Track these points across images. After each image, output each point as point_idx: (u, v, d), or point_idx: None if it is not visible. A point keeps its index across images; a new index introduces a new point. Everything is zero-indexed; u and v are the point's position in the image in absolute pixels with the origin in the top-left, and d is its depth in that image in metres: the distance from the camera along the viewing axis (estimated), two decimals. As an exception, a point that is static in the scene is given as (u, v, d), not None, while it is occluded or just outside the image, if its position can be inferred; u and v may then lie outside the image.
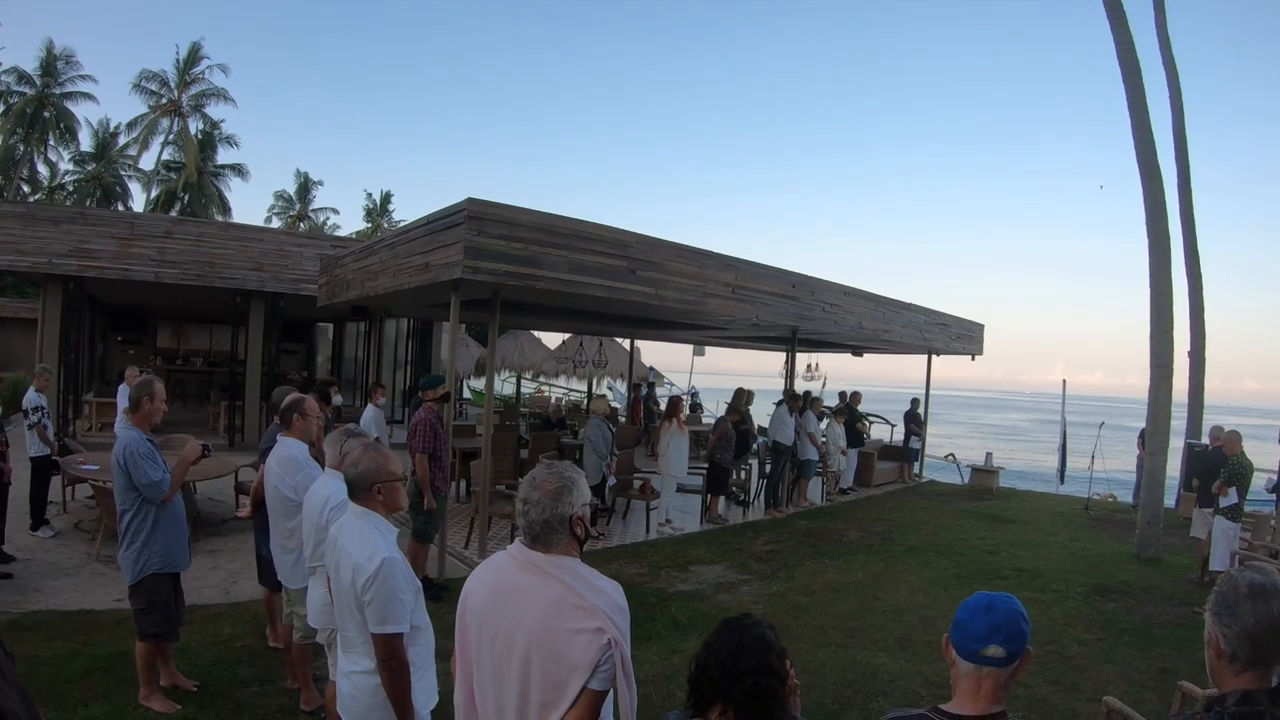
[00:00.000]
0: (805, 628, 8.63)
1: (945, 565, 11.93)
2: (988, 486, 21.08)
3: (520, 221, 9.69)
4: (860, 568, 11.46)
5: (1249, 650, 2.30)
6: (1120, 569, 12.57)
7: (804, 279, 15.06)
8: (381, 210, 62.11)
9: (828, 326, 16.12)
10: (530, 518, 2.82)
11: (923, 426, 21.89)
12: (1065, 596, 10.67)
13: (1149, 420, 14.74)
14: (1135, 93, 14.77)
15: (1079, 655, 8.48)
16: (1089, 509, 18.67)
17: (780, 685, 2.40)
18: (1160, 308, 14.50)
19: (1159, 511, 13.96)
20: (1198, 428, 19.07)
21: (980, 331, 24.04)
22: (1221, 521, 11.23)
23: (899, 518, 15.87)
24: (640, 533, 12.75)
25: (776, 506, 15.47)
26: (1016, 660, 2.33)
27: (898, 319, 18.97)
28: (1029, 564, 12.42)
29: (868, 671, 7.46)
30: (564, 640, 2.69)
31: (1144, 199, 14.66)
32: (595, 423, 12.26)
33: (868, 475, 19.71)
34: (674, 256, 11.74)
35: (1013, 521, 16.25)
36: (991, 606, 2.35)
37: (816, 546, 12.63)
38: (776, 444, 15.36)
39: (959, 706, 2.34)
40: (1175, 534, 15.01)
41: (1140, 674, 8.01)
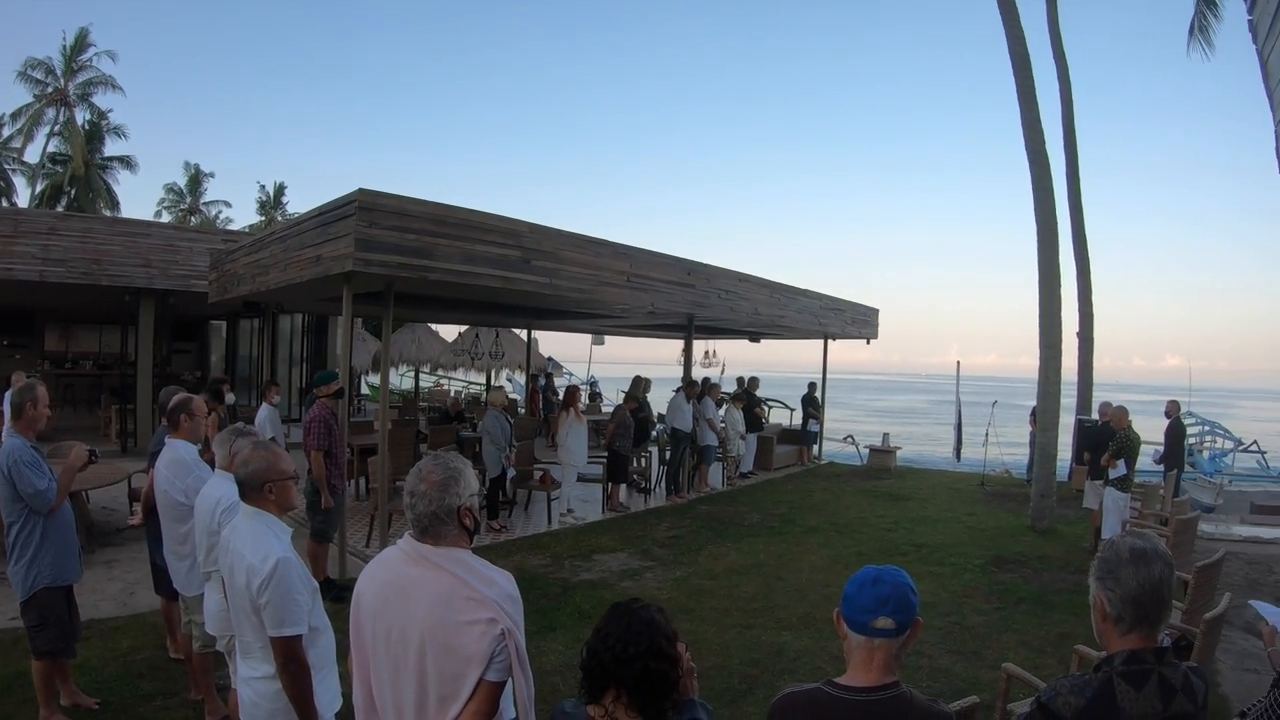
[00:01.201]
0: (710, 610, 8.68)
1: (845, 544, 12.10)
2: (885, 466, 21.47)
3: (412, 212, 9.55)
4: (762, 550, 11.56)
5: (1133, 612, 2.40)
6: (1016, 541, 12.93)
7: (699, 266, 15.13)
8: (275, 203, 60.59)
9: (724, 313, 16.21)
10: (418, 510, 2.79)
11: (820, 410, 22.19)
12: (964, 569, 10.93)
13: (1040, 398, 15.19)
14: (1025, 84, 15.20)
15: (979, 625, 8.68)
16: (984, 484, 19.11)
17: (671, 668, 2.39)
18: (1049, 290, 14.97)
19: (1052, 485, 14.42)
20: (1087, 404, 19.65)
21: (875, 316, 24.36)
22: (1112, 492, 11.60)
23: (799, 499, 16.05)
24: (542, 524, 12.66)
25: (677, 492, 15.54)
26: (906, 631, 2.39)
27: (793, 305, 19.14)
28: (927, 539, 12.68)
29: (773, 650, 7.55)
30: (457, 632, 2.67)
31: (1032, 186, 15.12)
32: (493, 415, 12.15)
33: (767, 459, 19.89)
34: (568, 246, 11.69)
35: (910, 499, 16.57)
36: (879, 579, 2.41)
37: (718, 530, 12.71)
38: (675, 431, 15.42)
39: (853, 679, 2.39)
40: (1068, 506, 15.54)
41: (1038, 640, 8.23)
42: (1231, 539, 14.21)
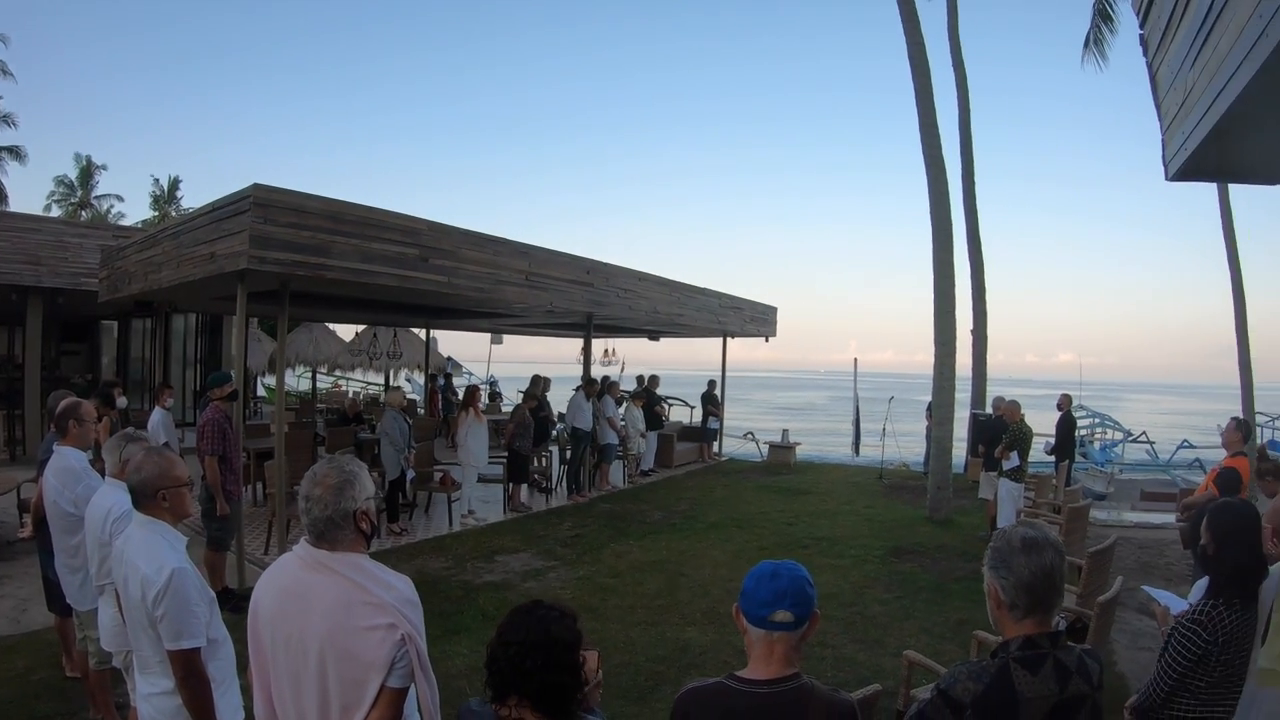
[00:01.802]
0: (614, 609, 8.69)
1: (747, 539, 12.20)
2: (785, 462, 21.65)
3: (308, 209, 9.34)
4: (665, 547, 11.61)
5: (1026, 599, 2.46)
6: (914, 531, 13.20)
7: (598, 265, 15.12)
8: (169, 197, 58.42)
9: (623, 312, 16.22)
10: (313, 515, 2.73)
11: (720, 407, 22.31)
12: (864, 560, 11.11)
13: (935, 393, 15.58)
14: (923, 89, 15.57)
15: (880, 614, 8.85)
16: (883, 478, 19.41)
17: (571, 678, 2.36)
18: (944, 289, 15.34)
19: (948, 476, 14.79)
20: (982, 399, 20.10)
21: (774, 314, 24.59)
22: (1006, 483, 11.88)
23: (700, 496, 16.13)
24: (443, 526, 12.53)
25: (579, 491, 15.49)
26: (805, 624, 2.41)
27: (692, 303, 19.22)
28: (828, 532, 12.85)
29: (678, 646, 7.59)
30: (357, 639, 2.63)
31: (929, 189, 15.50)
32: (391, 415, 11.98)
33: (668, 456, 19.93)
34: (466, 244, 11.58)
35: (810, 493, 16.75)
36: (776, 574, 2.43)
37: (621, 528, 12.72)
38: (576, 430, 15.39)
39: (754, 672, 2.41)
40: (964, 496, 15.85)
41: (939, 627, 8.44)
42: (1123, 525, 14.70)
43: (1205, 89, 4.25)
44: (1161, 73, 5.26)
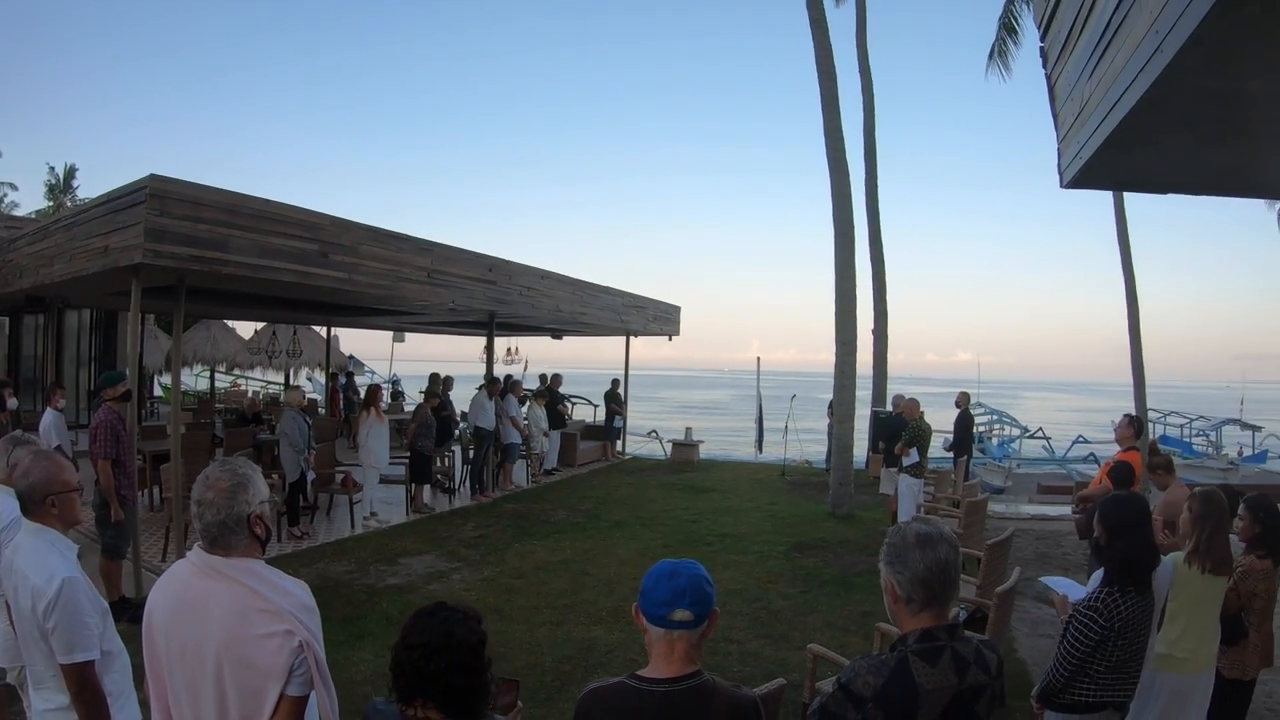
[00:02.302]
0: (519, 609, 8.65)
1: (651, 537, 12.26)
2: (689, 459, 21.76)
3: (206, 201, 9.08)
4: (569, 546, 11.60)
5: (922, 593, 2.51)
6: (817, 527, 13.40)
7: (501, 263, 15.06)
8: (65, 187, 56.40)
9: (526, 310, 16.19)
10: (206, 519, 2.66)
11: (623, 405, 22.36)
12: (768, 556, 11.24)
13: (836, 391, 15.90)
14: (829, 95, 15.88)
15: (785, 609, 8.98)
16: (785, 474, 19.65)
17: (477, 679, 2.33)
18: (845, 290, 15.68)
19: (849, 473, 15.05)
20: (882, 396, 20.57)
21: (677, 313, 24.78)
22: (906, 479, 12.12)
23: (604, 495, 16.16)
24: (345, 528, 12.34)
25: (482, 491, 15.38)
26: (705, 622, 2.42)
27: (595, 302, 19.27)
28: (731, 529, 12.97)
29: (584, 646, 7.61)
30: (254, 647, 2.58)
31: (832, 192, 15.81)
32: (290, 415, 11.75)
33: (571, 455, 19.89)
34: (367, 240, 11.43)
35: (714, 491, 16.88)
36: (675, 573, 2.43)
37: (525, 528, 12.66)
38: (478, 429, 15.29)
39: (655, 671, 2.41)
40: (866, 492, 16.18)
41: (843, 620, 8.59)
42: (1020, 517, 15.12)
43: (1101, 100, 4.37)
44: (1060, 84, 5.40)
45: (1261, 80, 3.68)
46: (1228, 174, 5.68)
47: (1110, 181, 6.21)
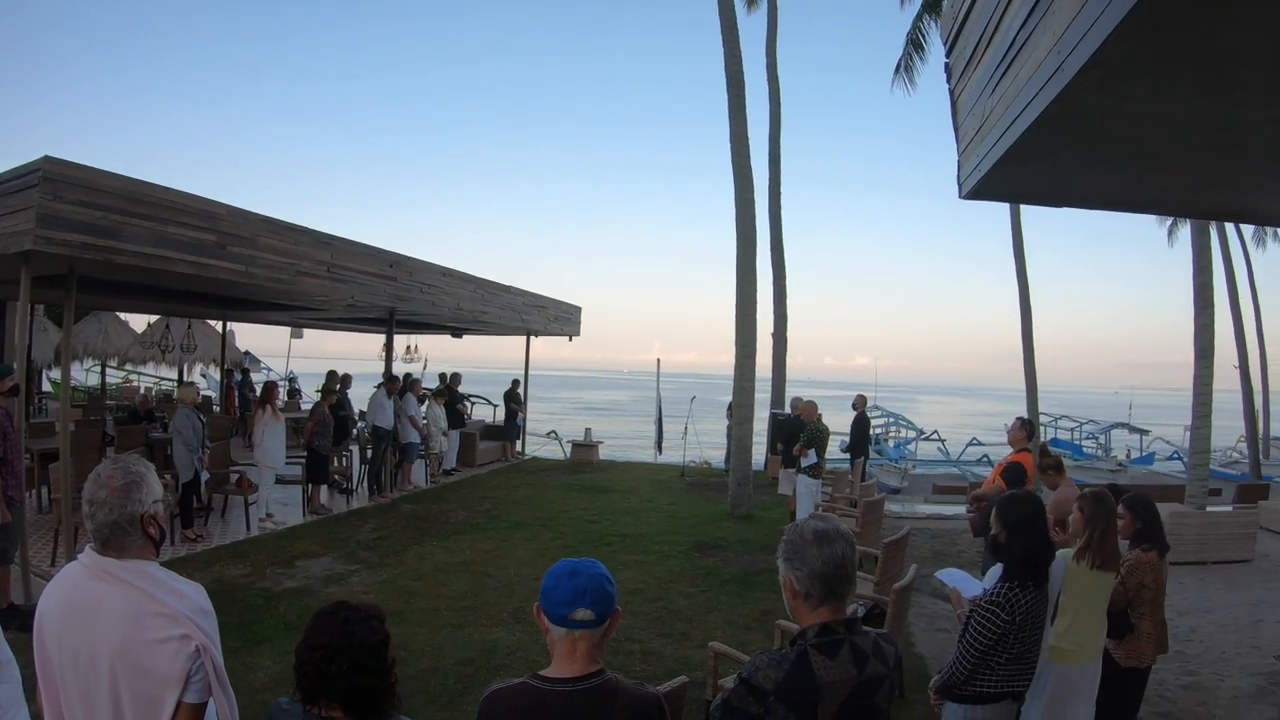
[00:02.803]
0: (419, 612, 8.58)
1: (551, 538, 12.27)
2: (588, 460, 21.81)
3: (102, 187, 8.74)
4: (469, 547, 11.54)
5: (820, 588, 2.57)
6: (717, 527, 13.56)
7: (402, 259, 14.92)
8: None
9: (425, 308, 16.08)
10: (98, 520, 2.60)
11: (523, 405, 22.31)
12: (668, 556, 11.34)
13: (736, 393, 16.15)
14: (736, 102, 16.10)
15: (686, 608, 9.07)
16: (685, 475, 19.84)
17: (379, 679, 2.33)
18: (746, 293, 15.93)
19: (748, 473, 15.30)
20: (781, 398, 20.91)
21: (578, 314, 24.81)
22: (804, 479, 12.38)
23: (504, 495, 16.11)
24: (241, 530, 12.06)
25: (380, 492, 15.21)
26: (606, 621, 2.44)
27: (496, 301, 19.17)
28: (631, 529, 13.05)
29: (486, 648, 7.58)
30: (150, 652, 2.52)
31: (735, 195, 16.08)
32: (184, 413, 11.44)
33: (470, 455, 19.79)
34: (266, 232, 11.19)
35: (614, 491, 16.96)
36: (575, 572, 2.44)
37: (424, 529, 12.56)
38: (376, 428, 15.10)
39: (558, 671, 2.42)
40: (764, 492, 16.51)
41: (743, 618, 8.72)
42: (916, 517, 15.56)
43: (1002, 116, 4.49)
44: (962, 99, 5.54)
45: (1155, 103, 3.82)
46: (1121, 191, 5.88)
47: (1007, 194, 6.39)
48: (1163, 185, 5.78)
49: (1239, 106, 3.99)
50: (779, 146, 22.24)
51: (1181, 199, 6.63)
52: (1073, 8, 3.27)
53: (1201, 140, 4.56)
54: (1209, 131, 4.40)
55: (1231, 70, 3.49)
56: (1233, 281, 30.00)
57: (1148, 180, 5.59)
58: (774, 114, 22.18)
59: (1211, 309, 16.59)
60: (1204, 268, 16.64)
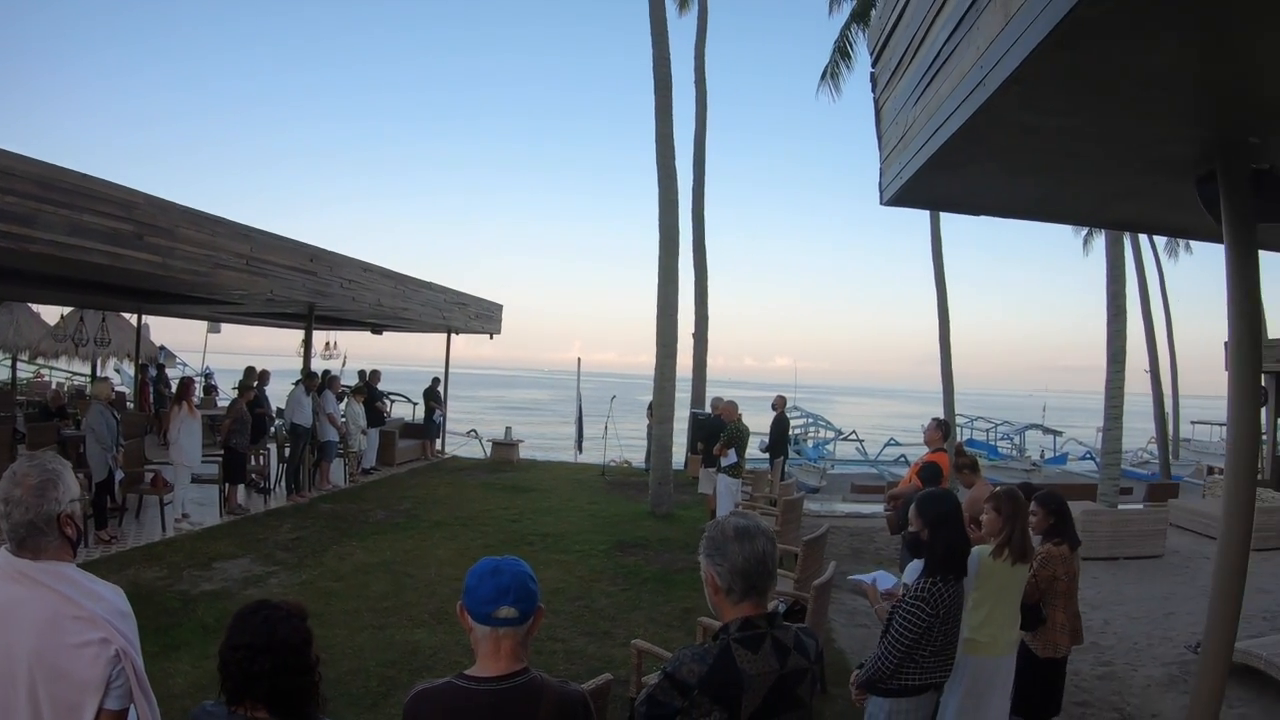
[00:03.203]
0: (339, 613, 8.50)
1: (472, 537, 12.21)
2: (508, 459, 21.77)
3: (16, 171, 8.44)
4: (389, 547, 11.45)
5: (742, 583, 2.62)
6: (638, 526, 13.62)
7: (322, 253, 14.78)
8: None
9: (346, 303, 15.92)
10: (13, 519, 2.52)
11: (443, 404, 22.18)
12: (590, 555, 11.39)
13: (656, 393, 16.25)
14: (664, 103, 16.20)
15: (608, 606, 9.13)
16: (605, 474, 19.87)
17: (303, 679, 2.32)
18: (667, 294, 16.01)
19: (669, 472, 15.38)
20: (701, 398, 21.04)
21: (499, 311, 24.73)
22: (724, 478, 12.49)
23: (424, 494, 16.01)
24: (156, 531, 11.76)
25: (299, 491, 15.00)
26: (530, 619, 2.45)
27: (417, 297, 19.03)
28: (552, 529, 13.06)
29: (408, 649, 7.55)
30: (68, 657, 2.45)
31: (659, 196, 16.16)
32: (97, 409, 11.17)
33: (390, 454, 19.59)
34: (185, 222, 10.95)
35: (534, 490, 16.92)
36: (498, 570, 2.45)
37: (343, 529, 12.44)
38: (295, 426, 14.91)
39: (482, 669, 2.42)
40: (685, 492, 16.57)
41: (665, 616, 8.81)
42: (835, 515, 15.79)
43: (924, 126, 4.59)
44: (886, 108, 5.65)
45: (1071, 119, 3.94)
46: (1037, 201, 6.06)
47: (927, 202, 6.56)
48: (1076, 197, 5.96)
49: (1149, 124, 4.13)
50: (704, 148, 22.42)
51: (1094, 210, 6.84)
52: (996, 25, 3.36)
53: (1113, 155, 4.72)
54: (1121, 147, 4.56)
55: (1143, 90, 3.62)
56: (1145, 290, 31.18)
57: (1062, 192, 5.76)
58: (700, 116, 22.39)
59: (1124, 316, 17.15)
60: (1117, 276, 17.13)
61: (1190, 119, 4.08)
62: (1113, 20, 2.87)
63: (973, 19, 3.66)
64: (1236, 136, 4.22)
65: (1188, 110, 3.95)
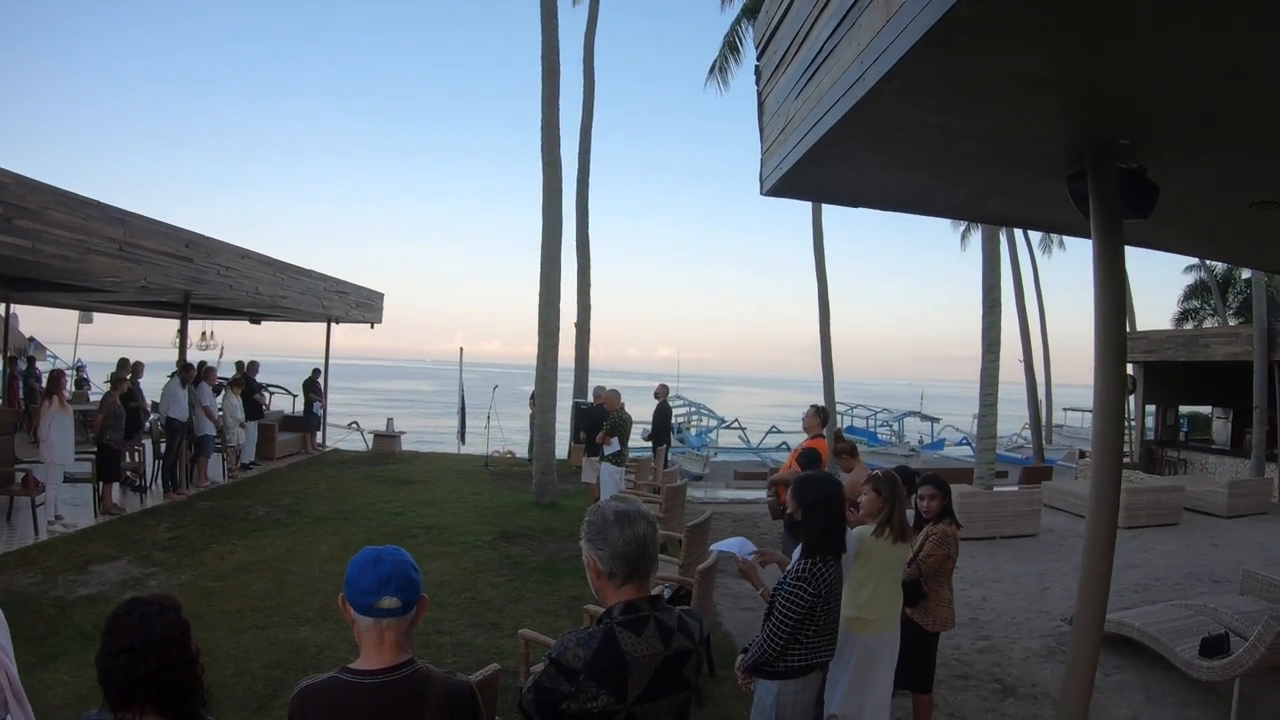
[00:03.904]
0: (222, 614, 8.32)
1: (354, 532, 12.08)
2: (391, 451, 21.61)
3: None
4: (270, 544, 11.26)
5: (623, 567, 2.66)
6: (522, 516, 13.69)
7: (199, 239, 14.44)
8: None
9: (223, 291, 15.58)
10: None
11: (323, 395, 21.85)
12: (474, 546, 11.40)
13: (538, 382, 16.34)
14: (550, 92, 16.18)
15: (494, 597, 9.16)
16: (489, 465, 19.78)
17: (188, 672, 2.30)
18: (550, 282, 16.08)
19: (551, 462, 15.53)
20: (584, 388, 21.20)
21: (380, 300, 24.45)
22: (607, 467, 12.64)
23: (305, 489, 15.78)
24: (28, 534, 11.32)
25: (176, 489, 14.61)
26: (413, 609, 2.46)
27: (296, 285, 18.74)
28: (436, 521, 13.02)
29: (294, 648, 7.45)
30: None
31: (543, 185, 16.14)
32: (-38, 409, 10.85)
33: (269, 448, 19.25)
34: (55, 204, 10.53)
35: (417, 482, 16.83)
36: (379, 559, 2.44)
37: (223, 527, 12.17)
38: (171, 420, 14.48)
39: (367, 662, 2.41)
40: (568, 481, 16.65)
41: (552, 605, 8.91)
42: (719, 502, 16.19)
43: (805, 118, 4.70)
44: (769, 100, 5.78)
45: (945, 115, 4.08)
46: (913, 195, 6.25)
47: (806, 193, 6.71)
48: (952, 192, 6.16)
49: (1023, 124, 4.30)
50: (590, 138, 22.53)
51: (970, 205, 7.08)
52: (878, 22, 3.46)
53: (989, 153, 4.89)
54: (996, 145, 4.73)
55: (1017, 91, 3.76)
56: (1019, 283, 32.56)
57: (938, 186, 5.94)
58: (588, 105, 22.50)
59: (999, 308, 17.87)
60: (992, 269, 17.78)
61: (1062, 120, 4.26)
62: (988, 21, 2.98)
63: (855, 16, 3.75)
64: (1107, 138, 4.42)
65: (1060, 112, 4.12)
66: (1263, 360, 19.99)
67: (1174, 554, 13.42)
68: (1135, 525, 15.05)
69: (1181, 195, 5.52)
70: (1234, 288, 34.01)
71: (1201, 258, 24.74)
